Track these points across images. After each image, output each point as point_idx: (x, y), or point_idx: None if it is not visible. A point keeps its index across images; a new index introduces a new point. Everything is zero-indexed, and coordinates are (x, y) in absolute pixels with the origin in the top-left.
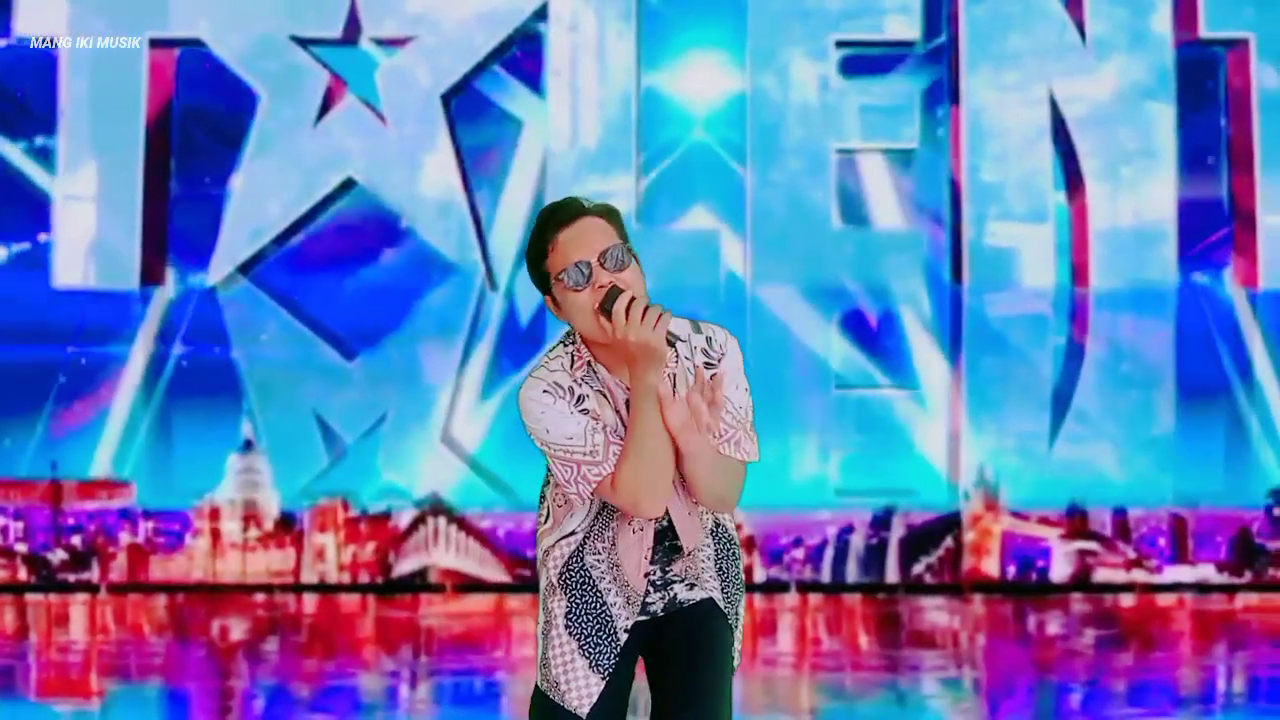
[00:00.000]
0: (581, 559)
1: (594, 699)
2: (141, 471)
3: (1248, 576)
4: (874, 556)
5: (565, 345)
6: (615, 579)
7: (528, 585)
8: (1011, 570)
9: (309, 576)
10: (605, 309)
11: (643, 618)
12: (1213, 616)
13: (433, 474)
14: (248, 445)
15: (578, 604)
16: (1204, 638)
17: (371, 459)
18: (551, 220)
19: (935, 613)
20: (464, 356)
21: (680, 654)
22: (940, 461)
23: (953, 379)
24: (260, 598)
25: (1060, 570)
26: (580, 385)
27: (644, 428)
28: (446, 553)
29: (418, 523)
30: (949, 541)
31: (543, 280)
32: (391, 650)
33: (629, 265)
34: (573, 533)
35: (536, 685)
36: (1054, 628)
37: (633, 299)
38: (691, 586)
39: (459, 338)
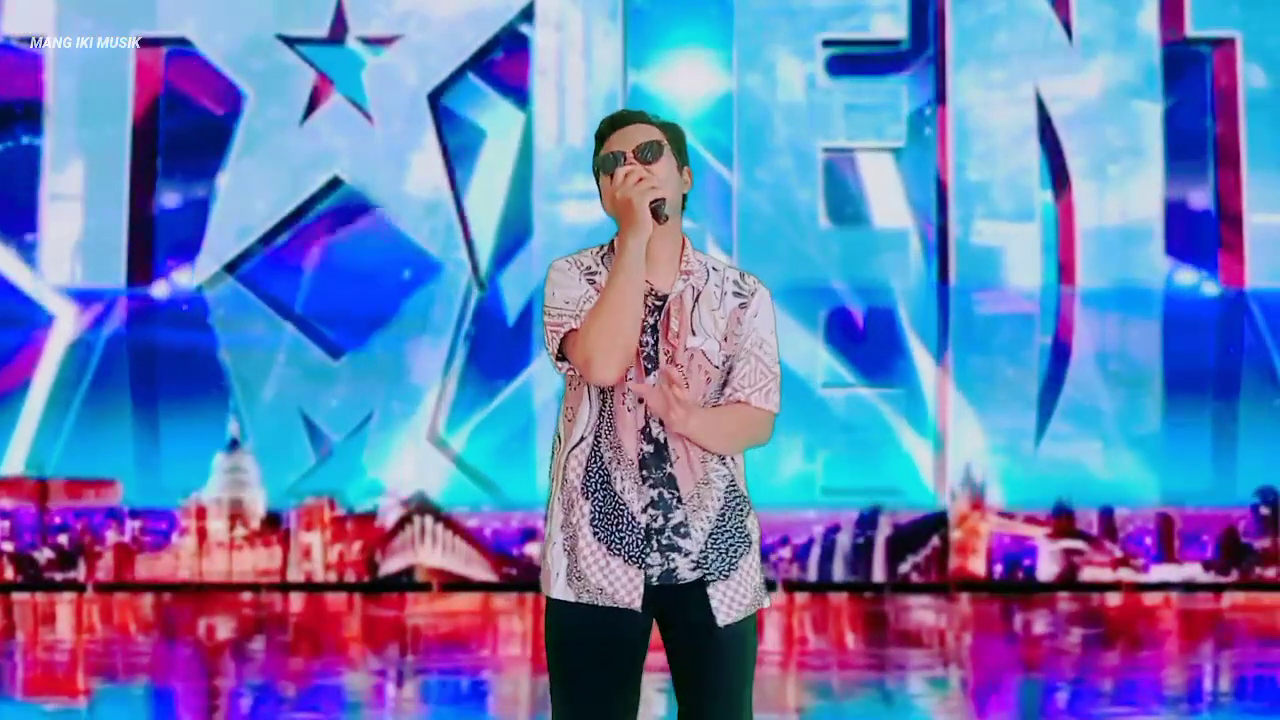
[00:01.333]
0: (600, 459)
1: (641, 589)
2: (128, 470)
3: (1234, 575)
4: (860, 555)
5: (604, 243)
6: (621, 462)
7: (514, 584)
8: (998, 569)
9: (295, 575)
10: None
11: (643, 564)
12: (1199, 615)
13: (419, 473)
14: (234, 444)
15: (599, 506)
16: (1190, 636)
17: (358, 458)
18: (607, 122)
19: (922, 612)
20: (450, 355)
21: (696, 674)
22: (927, 460)
23: (939, 378)
24: (247, 596)
25: (1047, 569)
26: (599, 264)
27: (611, 289)
28: (433, 552)
29: (404, 521)
30: (935, 541)
31: (595, 174)
32: (378, 649)
33: (659, 159)
34: (582, 439)
35: (556, 603)
36: (1040, 627)
37: (632, 168)
38: (695, 566)
39: (445, 336)
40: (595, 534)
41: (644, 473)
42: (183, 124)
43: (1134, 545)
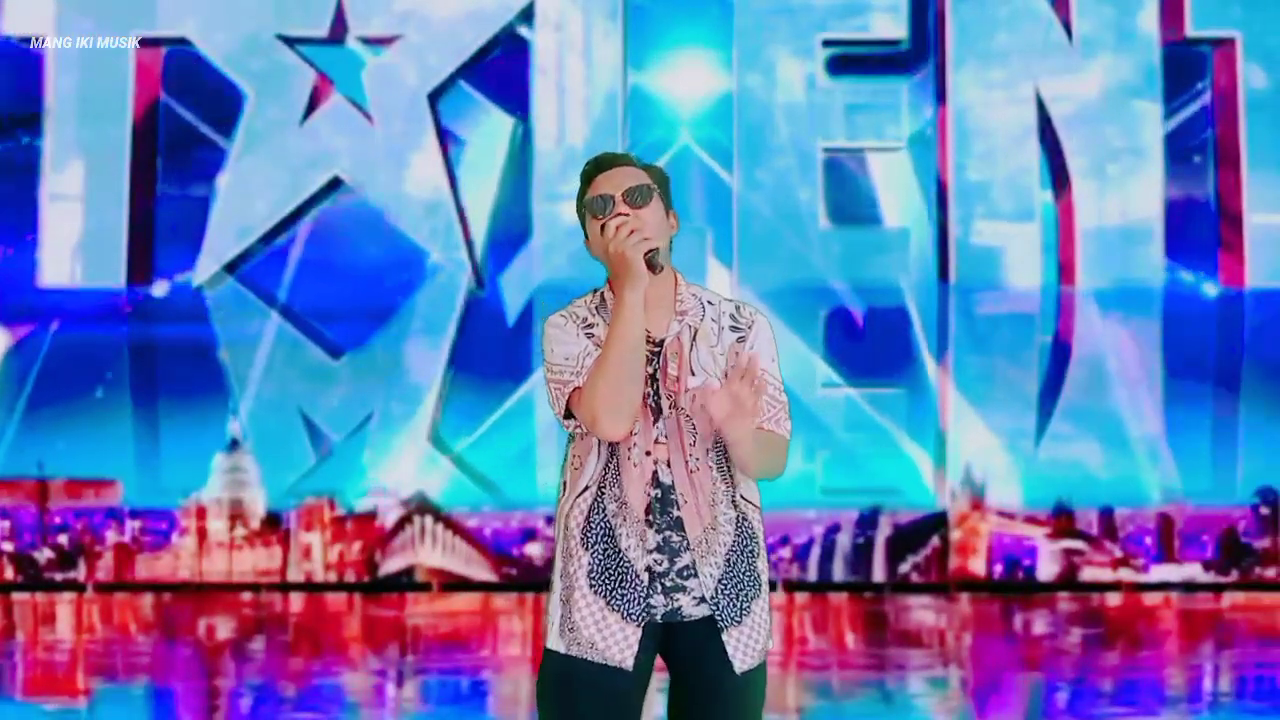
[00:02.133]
0: (602, 510)
1: (635, 649)
2: (128, 470)
3: (1234, 575)
4: (860, 555)
5: (597, 289)
6: (626, 518)
7: (514, 584)
8: (998, 569)
9: (295, 575)
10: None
11: (646, 612)
12: (1199, 615)
13: (419, 473)
14: (234, 444)
15: (599, 560)
16: (1190, 636)
17: (358, 458)
18: (593, 164)
19: (922, 612)
20: (451, 355)
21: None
22: (926, 461)
23: (940, 378)
24: (247, 596)
25: (1047, 569)
26: (594, 315)
27: (612, 345)
28: (433, 552)
29: (404, 522)
30: (935, 540)
31: (580, 215)
32: (378, 649)
33: (649, 204)
34: (586, 488)
35: (550, 653)
36: (1040, 627)
37: (624, 218)
38: (700, 601)
39: (445, 337)
40: (592, 587)
41: (649, 518)
42: (183, 124)
43: (1134, 545)
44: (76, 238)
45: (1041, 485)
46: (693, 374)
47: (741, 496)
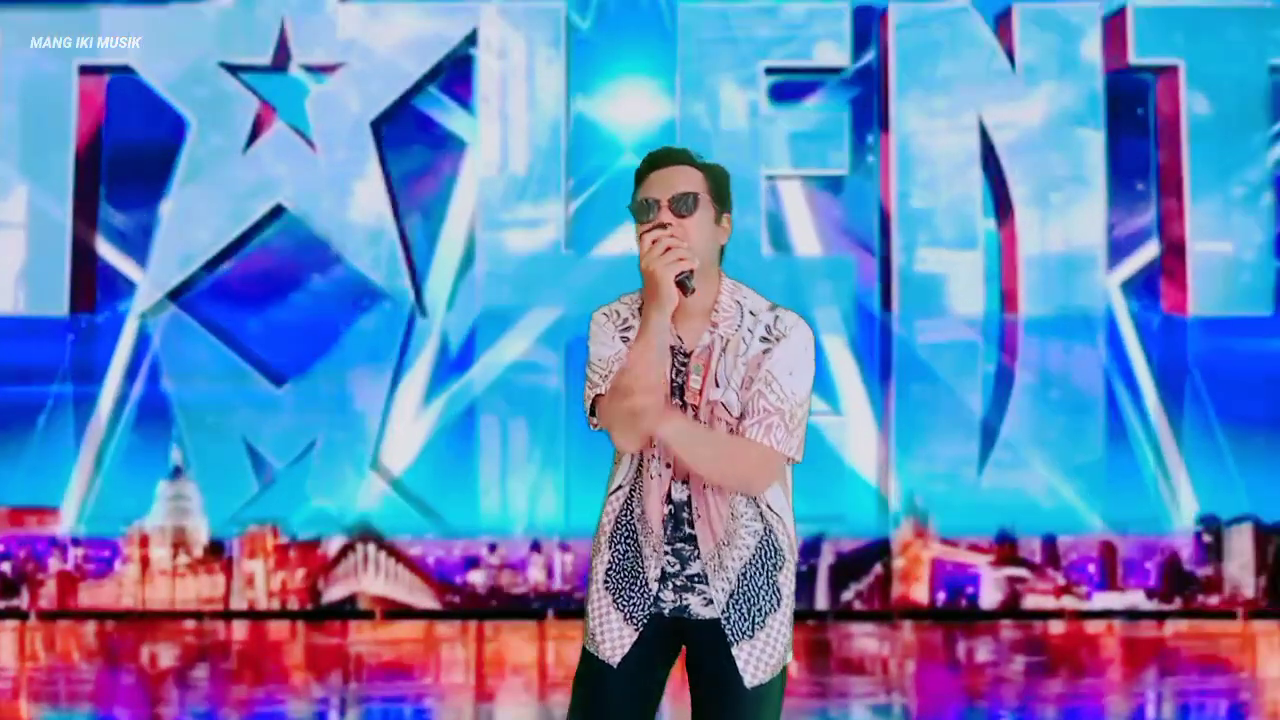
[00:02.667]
0: (630, 512)
1: (625, 650)
2: (70, 498)
3: (1177, 603)
4: (803, 583)
5: (644, 289)
6: (643, 526)
7: (457, 612)
8: (941, 597)
9: (238, 603)
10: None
11: (653, 609)
12: (1142, 643)
13: (362, 500)
14: (177, 472)
15: (618, 559)
16: (1133, 664)
17: (301, 486)
18: (647, 161)
19: (865, 639)
20: (394, 383)
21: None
22: (870, 488)
23: (882, 406)
24: (190, 624)
25: (990, 597)
26: (634, 317)
27: (631, 367)
28: (376, 579)
29: (347, 549)
30: (878, 568)
31: (632, 215)
32: (321, 677)
33: (693, 214)
34: (620, 486)
35: (583, 647)
36: (984, 654)
37: (662, 230)
38: (708, 603)
39: (389, 364)
40: (606, 584)
41: (664, 533)
42: (125, 151)
43: (1077, 573)
44: (19, 265)
45: (984, 513)
46: (716, 385)
47: (769, 507)
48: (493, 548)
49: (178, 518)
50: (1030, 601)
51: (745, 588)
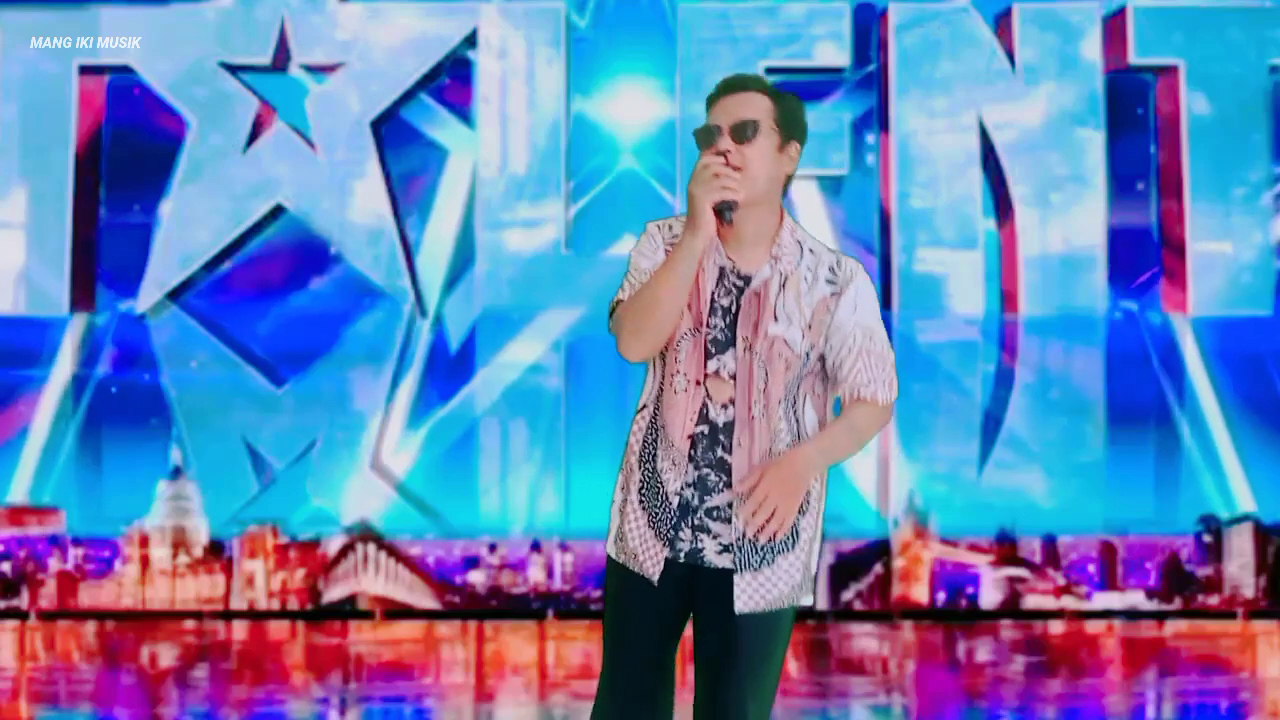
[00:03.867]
0: (655, 431)
1: (661, 566)
2: (71, 498)
3: (1177, 603)
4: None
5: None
6: (663, 441)
7: (457, 612)
8: (941, 597)
9: (238, 603)
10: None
11: (669, 554)
12: (1142, 643)
13: (362, 500)
14: (177, 472)
15: (648, 479)
16: (1133, 664)
17: (300, 486)
18: (720, 86)
19: (865, 639)
20: (393, 383)
21: (712, 658)
22: (870, 488)
23: None
24: (190, 624)
25: (990, 597)
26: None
27: (653, 283)
28: (375, 579)
29: (347, 549)
30: (878, 568)
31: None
32: (321, 677)
33: (753, 141)
34: (644, 406)
35: (608, 558)
36: (983, 654)
37: (716, 156)
38: (724, 550)
39: (388, 364)
40: (641, 503)
41: (693, 452)
42: (125, 152)
43: (1077, 573)
44: (19, 265)
45: (984, 513)
46: (775, 320)
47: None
48: (493, 548)
49: (178, 518)
50: (1030, 601)
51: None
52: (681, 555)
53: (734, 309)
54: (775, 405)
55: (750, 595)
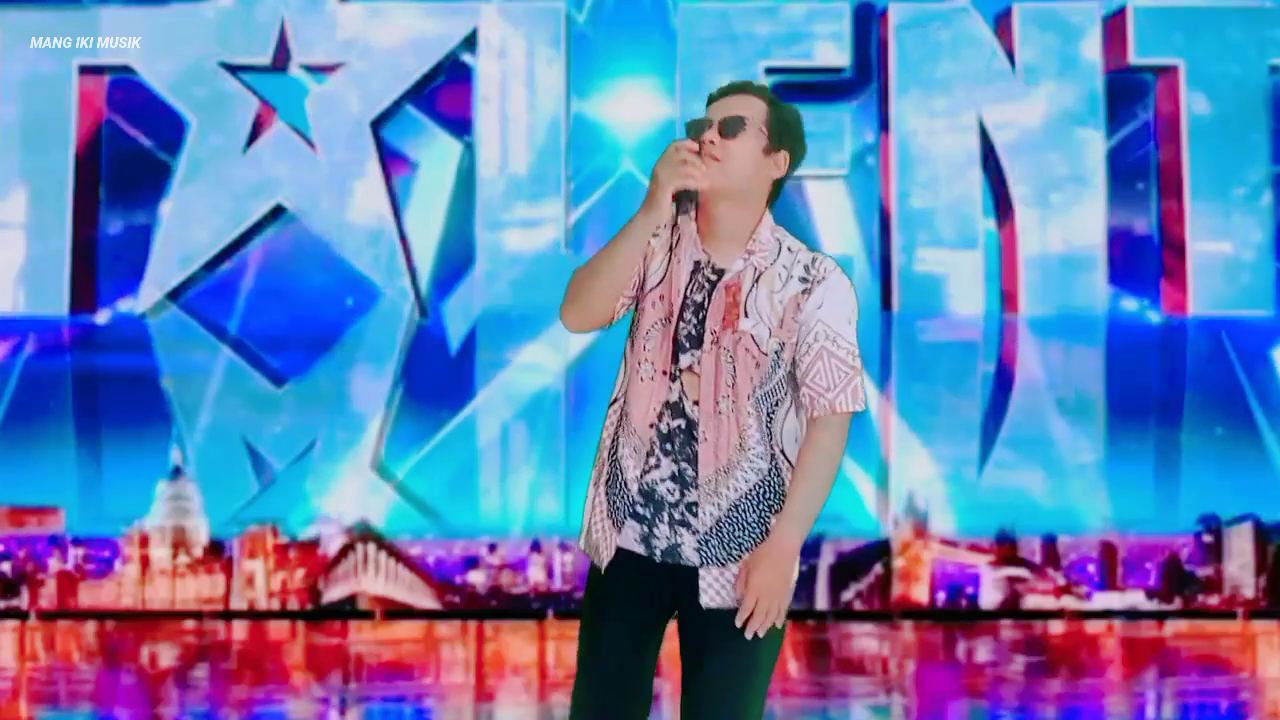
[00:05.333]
0: (621, 422)
1: (612, 553)
2: (70, 498)
3: (1177, 603)
4: (803, 583)
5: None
6: (626, 429)
7: (457, 612)
8: (941, 597)
9: (238, 603)
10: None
11: (639, 549)
12: (1142, 643)
13: (362, 501)
14: (177, 472)
15: (612, 468)
16: (1133, 664)
17: (301, 486)
18: (721, 88)
19: (865, 639)
20: (393, 383)
21: (691, 660)
22: (870, 488)
23: (882, 405)
24: (190, 624)
25: (990, 597)
26: (680, 227)
27: (601, 249)
28: (376, 579)
29: (347, 549)
30: (878, 568)
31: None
32: (321, 677)
33: (737, 137)
34: (615, 399)
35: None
36: (983, 654)
37: (693, 144)
38: (702, 545)
39: (389, 365)
40: (607, 493)
41: (669, 446)
42: (125, 151)
43: (1077, 573)
44: (19, 265)
45: (984, 513)
46: (745, 315)
47: (782, 452)
48: (493, 548)
49: (178, 518)
50: (1030, 601)
51: (733, 519)
52: (658, 553)
53: (706, 304)
54: (744, 401)
55: (717, 590)
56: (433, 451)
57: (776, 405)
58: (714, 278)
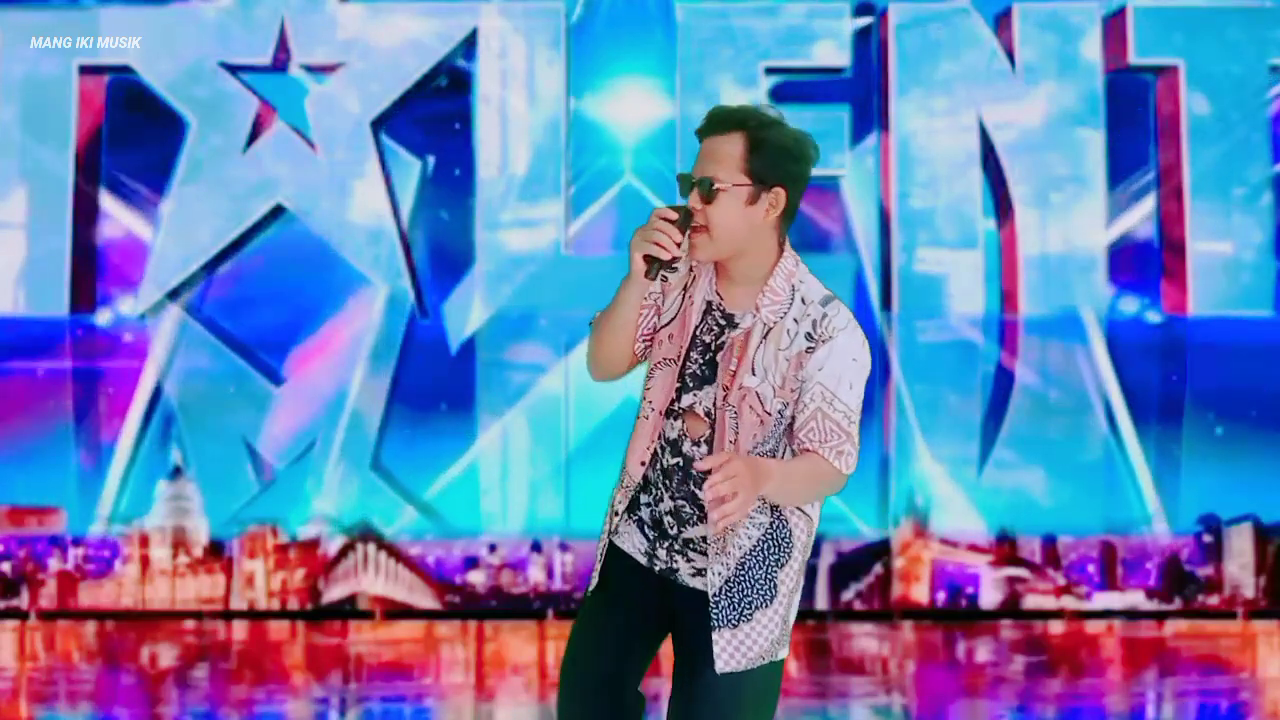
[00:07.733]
0: (629, 457)
1: (597, 576)
2: (71, 498)
3: (1177, 603)
4: (804, 582)
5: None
6: (624, 466)
7: (457, 612)
8: (941, 597)
9: (238, 603)
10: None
11: (641, 560)
12: (1142, 643)
13: (362, 501)
14: (176, 472)
15: (631, 488)
16: (1133, 664)
17: (301, 486)
18: (705, 120)
19: (865, 639)
20: (393, 383)
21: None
22: (869, 488)
23: (882, 405)
24: (190, 624)
25: (989, 597)
26: (688, 274)
27: (601, 316)
28: (376, 579)
29: (347, 549)
30: (878, 568)
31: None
32: (321, 677)
33: (715, 201)
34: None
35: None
36: (983, 654)
37: (670, 213)
38: (697, 573)
39: (388, 365)
40: (626, 506)
41: (667, 482)
42: (125, 151)
43: (1077, 573)
44: (19, 266)
45: (984, 513)
46: (752, 373)
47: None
48: (493, 548)
49: (178, 518)
50: (1030, 602)
51: (742, 577)
52: (658, 568)
53: (714, 346)
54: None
55: (731, 653)
56: (433, 451)
57: (776, 456)
58: (723, 321)
